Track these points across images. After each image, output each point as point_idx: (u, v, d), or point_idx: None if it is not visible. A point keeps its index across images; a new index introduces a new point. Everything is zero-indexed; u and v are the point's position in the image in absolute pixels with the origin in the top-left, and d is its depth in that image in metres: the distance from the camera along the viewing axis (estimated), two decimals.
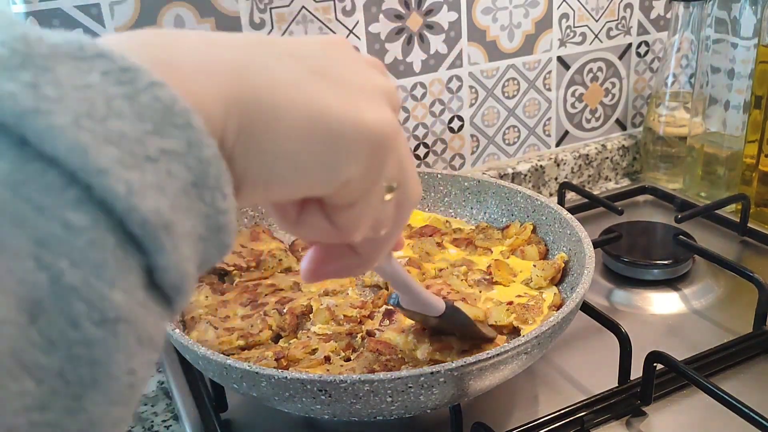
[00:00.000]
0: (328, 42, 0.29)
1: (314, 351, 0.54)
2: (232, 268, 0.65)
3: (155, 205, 0.20)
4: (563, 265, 0.63)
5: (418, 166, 0.89)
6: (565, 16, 0.91)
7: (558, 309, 0.55)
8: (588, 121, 0.98)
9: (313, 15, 0.76)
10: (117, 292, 0.19)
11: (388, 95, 0.29)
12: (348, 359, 0.55)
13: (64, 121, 0.18)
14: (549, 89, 0.93)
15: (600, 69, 0.96)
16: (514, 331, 0.58)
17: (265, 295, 0.62)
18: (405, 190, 0.32)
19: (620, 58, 0.97)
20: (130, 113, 0.20)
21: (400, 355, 0.54)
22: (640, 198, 0.93)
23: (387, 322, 0.58)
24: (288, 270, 0.67)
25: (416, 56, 0.83)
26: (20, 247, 0.18)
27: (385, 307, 0.60)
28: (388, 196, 0.31)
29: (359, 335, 0.57)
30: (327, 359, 0.54)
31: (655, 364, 0.56)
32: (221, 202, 0.23)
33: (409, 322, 0.58)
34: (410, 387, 0.45)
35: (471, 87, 0.88)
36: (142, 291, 0.20)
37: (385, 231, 0.33)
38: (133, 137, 0.20)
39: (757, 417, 0.49)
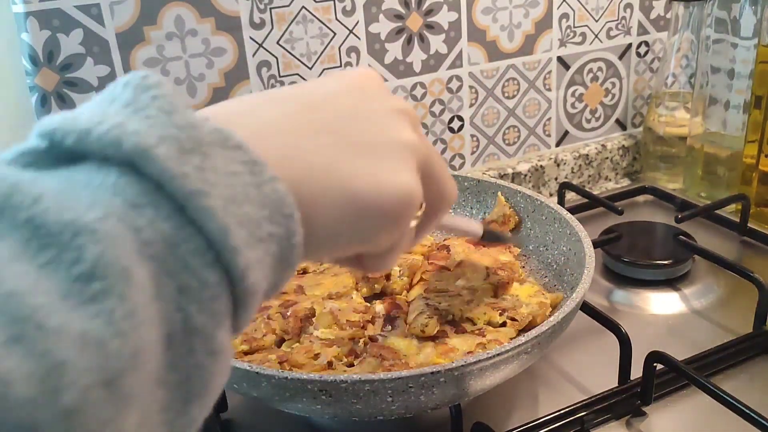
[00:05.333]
0: (361, 88, 0.34)
1: (317, 356, 0.54)
2: None
3: (255, 277, 0.25)
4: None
5: None
6: (565, 16, 0.91)
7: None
8: (588, 121, 0.98)
9: (313, 15, 0.76)
10: (221, 332, 0.25)
11: (412, 148, 0.33)
12: (351, 365, 0.54)
13: (217, 204, 0.24)
14: (549, 89, 0.93)
15: (600, 69, 0.96)
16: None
17: None
18: (431, 210, 0.37)
19: (620, 58, 0.97)
20: (257, 200, 0.26)
21: (403, 360, 0.54)
22: (640, 198, 0.93)
23: (389, 327, 0.58)
24: None
25: (416, 56, 0.83)
26: (169, 293, 0.23)
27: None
28: (412, 223, 0.36)
29: (362, 340, 0.57)
30: (330, 365, 0.54)
31: (655, 364, 0.56)
32: (290, 274, 0.29)
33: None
34: (410, 387, 0.45)
35: (471, 87, 0.88)
36: (230, 332, 0.26)
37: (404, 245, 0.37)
38: (255, 220, 0.25)
39: (757, 417, 0.50)
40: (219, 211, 0.24)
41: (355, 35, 0.79)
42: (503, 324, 0.58)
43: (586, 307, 0.61)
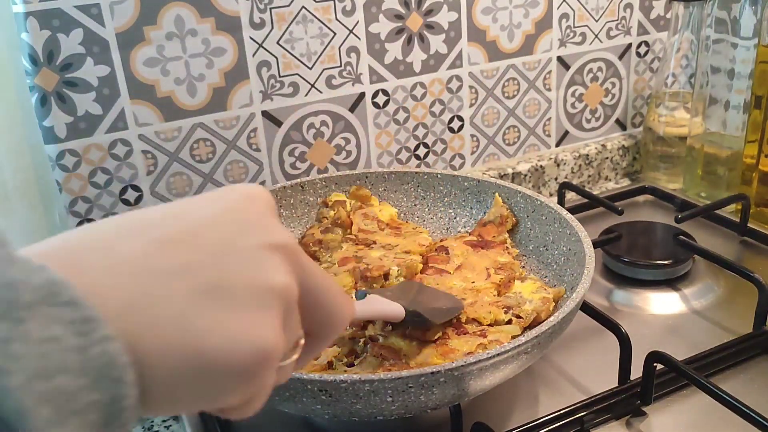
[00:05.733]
0: (237, 219, 0.30)
1: (317, 356, 0.54)
2: None
3: None
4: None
5: (418, 166, 0.89)
6: (565, 16, 0.91)
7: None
8: (588, 121, 0.98)
9: (313, 15, 0.76)
10: None
11: (279, 293, 0.29)
12: (351, 365, 0.54)
13: (18, 383, 0.22)
14: (549, 89, 0.93)
15: (600, 69, 0.96)
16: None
17: None
18: (317, 337, 0.34)
19: (620, 58, 0.97)
20: (76, 367, 0.23)
21: (404, 360, 0.54)
22: (640, 198, 0.93)
23: (389, 327, 0.58)
24: None
25: (416, 56, 0.83)
26: None
27: None
28: (293, 357, 0.32)
29: (362, 340, 0.57)
30: (330, 365, 0.54)
31: (655, 364, 0.56)
32: None
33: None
34: (410, 387, 0.45)
35: (471, 87, 0.88)
36: None
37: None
38: (70, 392, 0.23)
39: (757, 417, 0.50)
40: (18, 390, 0.22)
41: (355, 35, 0.79)
42: (509, 322, 0.58)
43: (586, 307, 0.61)
